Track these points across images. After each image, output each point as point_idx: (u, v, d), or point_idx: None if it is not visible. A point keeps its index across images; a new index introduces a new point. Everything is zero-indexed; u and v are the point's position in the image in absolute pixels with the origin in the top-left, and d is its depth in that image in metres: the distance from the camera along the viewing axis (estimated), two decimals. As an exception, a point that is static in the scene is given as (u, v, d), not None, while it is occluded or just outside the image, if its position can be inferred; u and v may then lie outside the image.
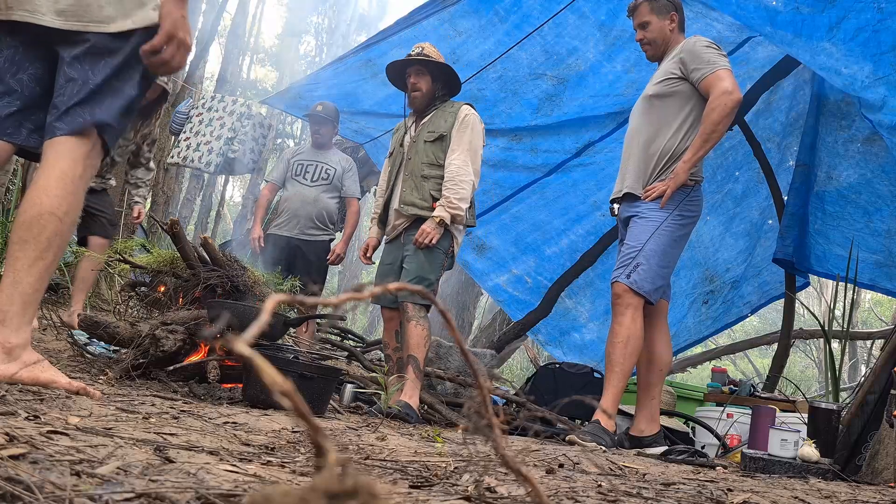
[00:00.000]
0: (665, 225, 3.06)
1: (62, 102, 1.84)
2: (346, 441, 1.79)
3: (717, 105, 2.96)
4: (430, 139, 3.47)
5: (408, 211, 3.43)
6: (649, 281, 3.02)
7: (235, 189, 23.85)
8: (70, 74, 1.85)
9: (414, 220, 3.46)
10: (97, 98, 1.85)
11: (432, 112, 3.56)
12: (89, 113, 1.83)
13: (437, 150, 3.45)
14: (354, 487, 0.46)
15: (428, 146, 3.46)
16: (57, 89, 1.87)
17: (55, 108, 1.85)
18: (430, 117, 3.55)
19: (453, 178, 3.35)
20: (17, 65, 1.90)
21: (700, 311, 5.54)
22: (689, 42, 3.14)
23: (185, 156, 6.68)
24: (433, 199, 3.41)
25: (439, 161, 3.43)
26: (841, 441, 2.84)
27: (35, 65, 1.92)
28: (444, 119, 3.49)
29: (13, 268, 1.75)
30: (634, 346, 2.99)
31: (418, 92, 3.56)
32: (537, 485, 0.73)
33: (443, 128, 3.46)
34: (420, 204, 3.41)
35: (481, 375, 0.72)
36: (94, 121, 1.83)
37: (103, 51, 1.86)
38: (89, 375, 2.43)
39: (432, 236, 3.31)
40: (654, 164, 3.15)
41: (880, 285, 4.63)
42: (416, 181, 3.45)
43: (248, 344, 0.47)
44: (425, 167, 3.45)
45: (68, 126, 1.82)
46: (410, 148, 3.54)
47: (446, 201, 3.33)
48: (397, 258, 3.52)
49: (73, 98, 1.83)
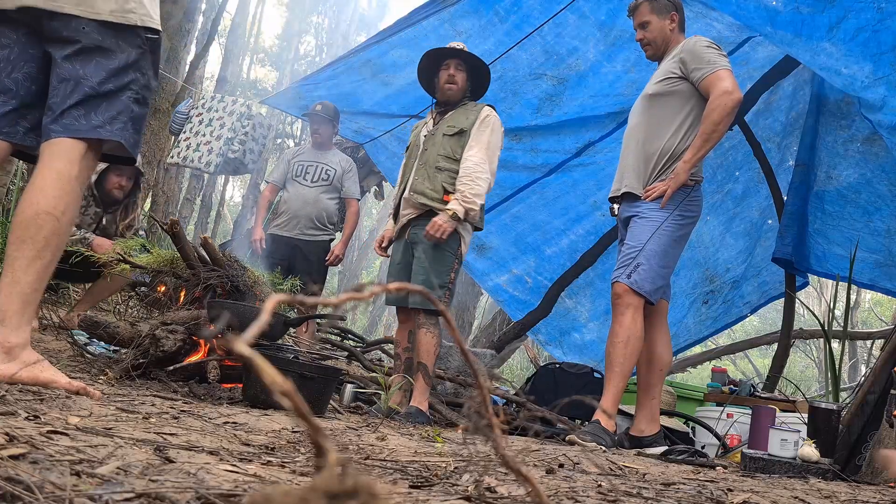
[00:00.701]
0: (665, 225, 3.06)
1: (56, 104, 1.84)
2: (346, 441, 1.79)
3: (717, 105, 2.96)
4: (449, 133, 3.44)
5: (417, 199, 3.37)
6: (650, 281, 3.02)
7: (235, 189, 23.85)
8: (62, 75, 1.85)
9: (421, 213, 3.41)
10: (92, 101, 1.85)
11: (456, 109, 3.56)
12: (84, 117, 1.83)
13: (455, 145, 3.41)
14: (354, 487, 0.46)
15: (446, 139, 3.43)
16: (51, 90, 1.87)
17: (50, 109, 1.85)
18: (453, 113, 3.53)
19: (469, 173, 3.30)
20: (12, 64, 1.90)
21: (700, 311, 5.54)
22: (690, 42, 3.14)
23: (184, 156, 6.68)
24: (445, 192, 3.35)
25: (456, 155, 3.39)
26: (841, 441, 2.84)
27: (30, 64, 1.91)
28: (467, 116, 3.48)
29: (11, 267, 1.76)
30: (635, 347, 2.99)
31: (454, 85, 3.53)
32: (537, 485, 0.73)
33: (464, 123, 3.44)
34: (430, 194, 3.36)
35: (481, 375, 0.72)
36: (90, 126, 1.84)
37: (95, 50, 1.86)
38: (89, 375, 2.43)
39: (444, 229, 3.24)
40: (654, 164, 3.14)
41: (880, 285, 4.63)
42: (430, 171, 3.40)
43: (248, 344, 0.47)
44: (441, 159, 3.40)
45: (64, 129, 1.82)
46: (428, 140, 3.50)
47: (461, 195, 3.28)
48: (407, 259, 3.50)
49: (67, 100, 1.83)
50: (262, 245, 4.88)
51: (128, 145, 1.92)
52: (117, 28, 1.89)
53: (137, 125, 1.94)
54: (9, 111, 1.91)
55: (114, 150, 1.96)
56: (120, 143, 1.91)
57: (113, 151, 1.97)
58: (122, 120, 1.89)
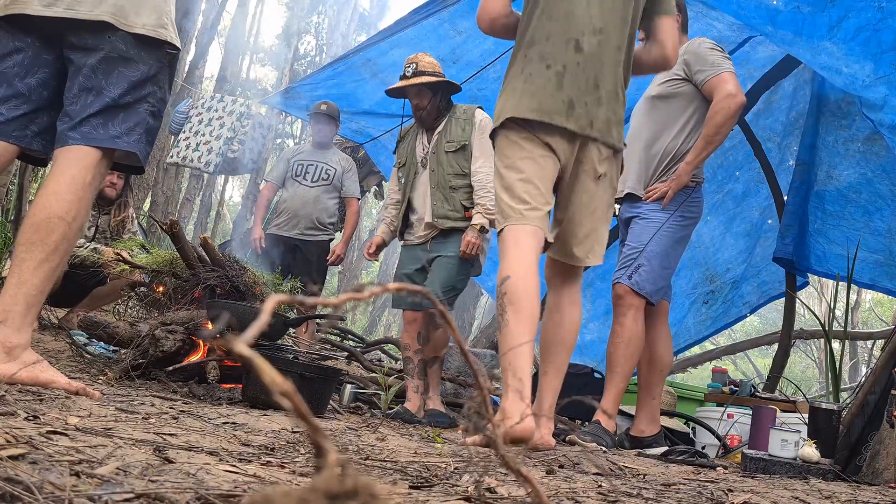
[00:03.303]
0: (667, 226, 3.07)
1: (75, 112, 1.87)
2: (346, 441, 1.79)
3: (720, 108, 2.97)
4: (451, 150, 3.51)
5: (444, 224, 3.48)
6: (651, 282, 3.02)
7: (235, 189, 23.86)
8: (83, 83, 1.88)
9: (441, 229, 3.53)
10: (111, 112, 1.89)
11: (443, 121, 3.59)
12: (102, 126, 1.87)
13: (461, 160, 3.50)
14: (354, 488, 0.46)
15: (451, 157, 3.51)
16: (70, 98, 1.89)
17: (68, 116, 1.88)
18: (445, 126, 3.57)
19: (484, 184, 3.41)
20: (26, 68, 1.92)
21: (700, 312, 5.54)
22: (694, 44, 3.15)
23: (184, 156, 6.68)
24: (464, 209, 3.49)
25: (464, 170, 3.49)
26: (841, 441, 2.84)
27: (44, 69, 1.94)
28: (461, 127, 3.53)
29: (19, 269, 1.77)
30: (636, 347, 2.99)
31: (422, 111, 3.57)
32: (537, 485, 0.73)
33: (461, 136, 3.51)
34: (453, 216, 3.49)
35: (481, 376, 0.72)
36: (107, 136, 1.87)
37: (118, 60, 1.88)
38: (89, 375, 2.42)
39: (476, 245, 3.41)
40: (656, 165, 3.15)
41: (880, 285, 4.63)
42: (446, 193, 3.50)
43: (248, 344, 0.47)
44: (452, 178, 3.50)
45: (82, 137, 1.85)
46: (432, 160, 3.56)
47: (483, 209, 3.40)
48: (422, 262, 3.55)
49: (87, 109, 1.86)
50: (262, 244, 4.87)
51: (142, 156, 1.97)
52: (143, 40, 1.92)
53: (151, 137, 1.99)
54: (20, 115, 1.93)
55: (124, 158, 1.99)
56: (133, 154, 1.94)
57: (123, 160, 2.00)
58: (138, 132, 1.93)
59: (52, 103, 1.95)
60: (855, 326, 14.87)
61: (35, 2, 1.86)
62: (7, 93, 1.91)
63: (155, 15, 1.93)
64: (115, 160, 1.98)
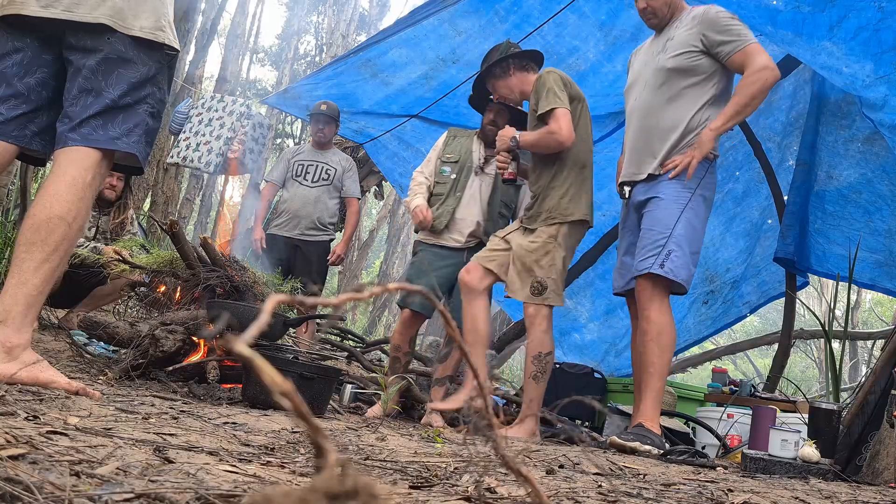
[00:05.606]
0: (690, 205, 2.81)
1: (75, 113, 1.87)
2: (346, 441, 1.79)
3: (757, 78, 2.76)
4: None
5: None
6: (685, 267, 2.76)
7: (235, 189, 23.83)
8: (83, 85, 1.88)
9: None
10: (111, 113, 1.89)
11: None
12: (102, 128, 1.88)
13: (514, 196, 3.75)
14: (354, 488, 0.46)
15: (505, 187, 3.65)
16: (69, 99, 1.89)
17: (68, 117, 1.88)
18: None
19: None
20: (25, 68, 1.93)
21: (700, 312, 5.53)
22: (710, 13, 2.91)
23: (184, 156, 6.68)
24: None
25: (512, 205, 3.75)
26: (841, 441, 2.84)
27: (43, 69, 1.94)
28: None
29: (20, 269, 1.77)
30: (668, 339, 2.73)
31: (495, 128, 3.58)
32: (537, 485, 0.73)
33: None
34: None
35: (481, 376, 0.72)
36: (107, 137, 1.88)
37: (117, 61, 1.89)
38: (89, 375, 2.42)
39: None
40: (675, 142, 2.91)
41: (880, 285, 4.63)
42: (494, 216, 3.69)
43: (248, 344, 0.47)
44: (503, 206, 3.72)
45: (82, 138, 1.86)
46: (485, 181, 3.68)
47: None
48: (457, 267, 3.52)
49: (87, 110, 1.87)
50: (262, 244, 4.88)
51: (141, 157, 1.97)
52: (142, 42, 1.93)
53: (150, 138, 2.00)
54: (19, 115, 1.93)
55: (123, 159, 1.99)
56: (133, 155, 1.94)
57: (123, 161, 2.01)
58: (137, 133, 1.94)
59: (51, 103, 1.96)
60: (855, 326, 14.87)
61: (33, 2, 1.86)
62: (6, 92, 1.91)
63: (153, 17, 1.94)
64: (115, 161, 1.99)
